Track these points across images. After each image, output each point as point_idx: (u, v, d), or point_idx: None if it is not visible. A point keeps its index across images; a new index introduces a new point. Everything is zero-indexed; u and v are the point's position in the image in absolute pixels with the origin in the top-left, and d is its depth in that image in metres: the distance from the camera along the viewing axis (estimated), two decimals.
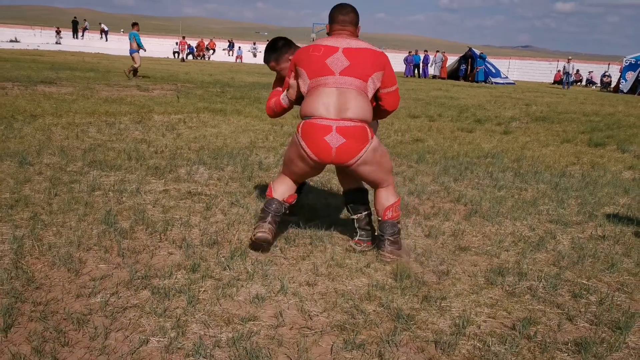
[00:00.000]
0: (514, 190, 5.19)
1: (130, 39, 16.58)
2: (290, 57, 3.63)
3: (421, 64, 34.93)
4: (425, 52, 36.30)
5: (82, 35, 47.54)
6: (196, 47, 42.99)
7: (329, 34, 3.34)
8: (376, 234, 3.40)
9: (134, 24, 17.32)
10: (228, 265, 3.01)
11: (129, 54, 16.90)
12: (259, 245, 3.24)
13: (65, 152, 5.48)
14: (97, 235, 3.35)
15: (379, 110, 3.40)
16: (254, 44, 46.37)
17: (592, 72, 39.31)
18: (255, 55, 44.22)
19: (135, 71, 16.26)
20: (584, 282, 3.08)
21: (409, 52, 36.82)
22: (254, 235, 3.18)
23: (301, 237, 3.54)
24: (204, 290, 2.71)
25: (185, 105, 10.08)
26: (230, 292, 2.72)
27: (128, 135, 6.73)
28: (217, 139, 6.92)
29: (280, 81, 3.87)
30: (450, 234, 3.81)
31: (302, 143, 3.11)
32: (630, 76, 28.96)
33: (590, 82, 38.46)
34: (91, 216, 3.68)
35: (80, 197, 4.04)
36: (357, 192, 3.50)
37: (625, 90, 28.61)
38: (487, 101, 16.14)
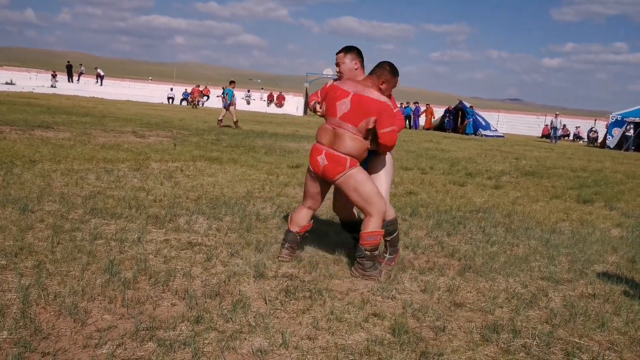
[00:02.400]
0: (506, 245, 5.31)
1: (224, 94, 20.40)
2: (354, 61, 4.27)
3: (412, 116, 35.56)
4: (416, 104, 37.04)
5: (78, 80, 48.10)
6: (190, 94, 43.53)
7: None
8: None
9: (232, 82, 21.10)
10: (231, 318, 3.08)
11: (222, 107, 20.62)
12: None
13: (66, 199, 5.57)
14: (101, 285, 3.41)
15: (379, 144, 4.05)
16: (248, 91, 47.02)
17: (579, 127, 40.15)
18: (249, 103, 44.78)
19: (220, 120, 19.55)
20: (576, 340, 3.18)
21: (401, 104, 37.55)
22: (277, 257, 4.25)
23: (301, 290, 3.62)
24: (208, 343, 2.77)
25: (181, 152, 10.24)
26: (234, 344, 2.78)
27: (127, 182, 6.83)
28: (214, 188, 7.04)
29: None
30: (445, 289, 3.90)
31: (309, 158, 4.19)
32: (617, 132, 29.63)
33: (577, 137, 39.23)
34: (94, 265, 3.74)
35: (82, 246, 4.11)
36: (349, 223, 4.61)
37: (611, 146, 29.22)
38: (477, 154, 16.45)
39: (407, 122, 35.42)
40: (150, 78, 68.89)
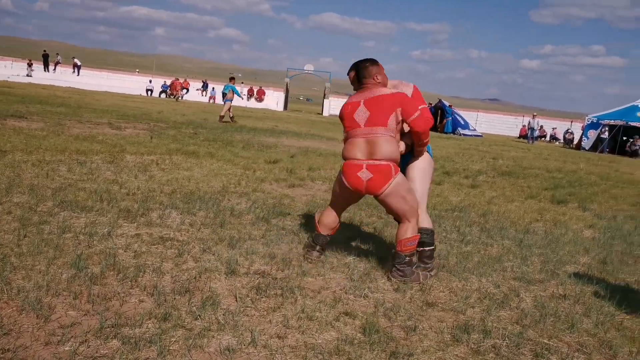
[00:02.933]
0: (480, 245, 5.32)
1: (226, 90, 20.22)
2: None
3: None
4: None
5: (55, 69, 47.29)
6: (170, 86, 43.11)
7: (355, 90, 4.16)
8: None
9: (232, 78, 21.26)
10: (199, 315, 3.03)
11: (222, 102, 20.74)
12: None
13: (35, 191, 5.44)
14: (67, 280, 3.33)
15: (414, 133, 3.97)
16: None
17: (555, 128, 40.68)
18: None
19: (221, 116, 19.60)
20: (546, 341, 3.19)
21: None
22: (306, 258, 4.23)
23: (272, 288, 3.58)
24: (174, 341, 2.72)
25: (158, 145, 10.10)
26: (201, 343, 2.73)
27: (99, 175, 6.71)
28: (189, 182, 6.95)
29: None
30: (418, 288, 3.89)
31: (342, 178, 4.03)
32: (592, 134, 30.08)
33: (553, 138, 39.74)
34: (61, 260, 3.66)
35: (50, 240, 4.02)
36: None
37: (587, 148, 29.64)
38: (455, 153, 16.55)
39: None
40: (137, 70, 67.79)
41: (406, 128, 4.07)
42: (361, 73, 4.04)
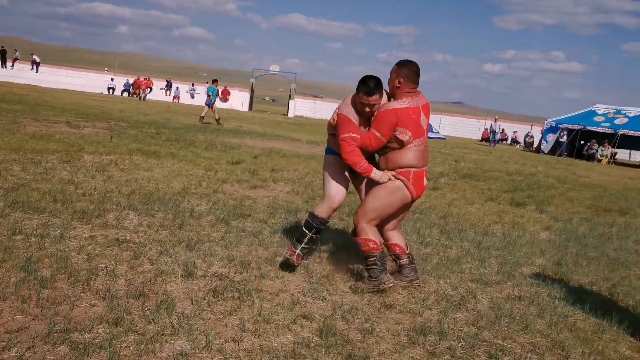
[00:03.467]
0: (439, 247, 5.37)
1: (209, 92, 20.94)
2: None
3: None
4: None
5: (12, 65, 45.97)
6: (132, 85, 42.41)
7: (393, 97, 3.90)
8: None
9: (215, 80, 21.69)
10: (153, 319, 2.96)
11: (204, 104, 21.21)
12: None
13: None
14: (15, 283, 3.22)
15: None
16: (192, 85, 46.18)
17: (516, 132, 41.53)
18: (193, 97, 43.99)
19: (201, 118, 20.13)
20: (500, 342, 3.23)
21: None
22: (386, 285, 3.82)
23: (230, 290, 3.53)
24: (125, 346, 2.65)
25: (117, 145, 9.90)
26: (154, 347, 2.67)
27: (55, 175, 6.52)
28: (149, 183, 6.82)
29: (355, 123, 3.92)
30: (376, 290, 3.89)
31: (410, 188, 3.87)
32: (551, 138, 30.80)
33: (514, 141, 40.56)
34: (10, 262, 3.53)
35: None
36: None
37: (546, 151, 30.34)
38: None
39: None
40: (106, 69, 65.88)
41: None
42: (417, 77, 3.89)
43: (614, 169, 22.83)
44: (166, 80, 46.14)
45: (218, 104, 42.69)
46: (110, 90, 41.54)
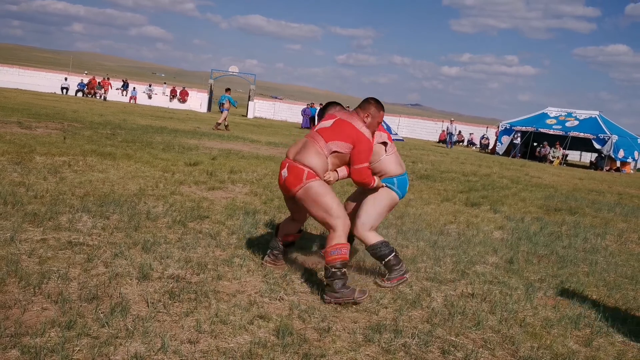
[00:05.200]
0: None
1: (223, 100, 21.82)
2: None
3: (316, 117, 35.91)
4: (321, 105, 37.44)
5: None
6: (87, 85, 41.44)
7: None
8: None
9: (228, 89, 22.55)
10: (107, 322, 2.92)
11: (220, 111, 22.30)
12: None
13: None
14: None
15: (352, 178, 4.12)
16: (150, 85, 45.38)
17: (472, 133, 42.35)
18: (150, 97, 43.26)
19: (218, 124, 20.91)
20: (453, 338, 3.31)
21: (307, 105, 37.82)
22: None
23: (186, 292, 3.52)
24: (78, 350, 2.61)
25: (71, 146, 9.68)
26: (107, 351, 2.64)
27: (5, 177, 6.34)
28: (104, 184, 6.70)
29: None
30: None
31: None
32: (506, 140, 31.53)
33: (471, 143, 41.37)
34: None
35: None
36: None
37: (500, 153, 31.05)
38: None
39: (312, 122, 35.75)
40: (68, 71, 63.36)
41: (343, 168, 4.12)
42: (362, 104, 4.20)
43: (565, 170, 23.56)
44: (122, 81, 45.18)
45: (176, 104, 42.20)
46: (64, 90, 40.46)
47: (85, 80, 42.18)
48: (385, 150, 4.27)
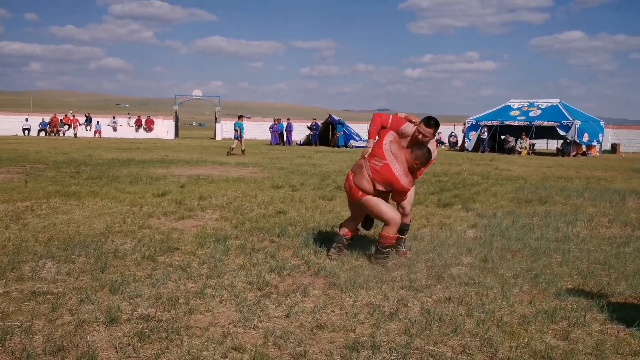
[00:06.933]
0: (369, 257, 5.41)
1: (236, 127, 23.23)
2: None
3: (285, 132, 35.88)
4: (288, 120, 37.44)
5: None
6: (49, 123, 40.80)
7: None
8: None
9: (240, 116, 24.55)
10: None
11: (234, 138, 23.65)
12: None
13: None
14: None
15: None
16: (114, 117, 44.81)
17: (440, 132, 42.77)
18: (115, 129, 42.74)
19: (232, 149, 22.23)
20: (431, 348, 3.28)
21: (274, 121, 37.75)
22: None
23: (157, 331, 3.42)
24: None
25: (34, 190, 9.45)
26: None
27: None
28: (68, 226, 6.54)
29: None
30: (309, 311, 3.88)
31: None
32: (473, 136, 31.90)
33: (439, 142, 41.77)
34: None
35: None
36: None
37: (469, 149, 31.39)
38: (347, 166, 16.87)
39: (281, 138, 35.71)
40: (29, 111, 61.63)
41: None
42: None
43: (534, 160, 23.91)
44: (85, 116, 44.53)
45: (142, 134, 41.76)
46: (26, 132, 39.76)
47: (47, 119, 41.50)
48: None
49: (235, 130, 23.14)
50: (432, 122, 5.19)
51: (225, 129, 44.47)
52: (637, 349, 3.36)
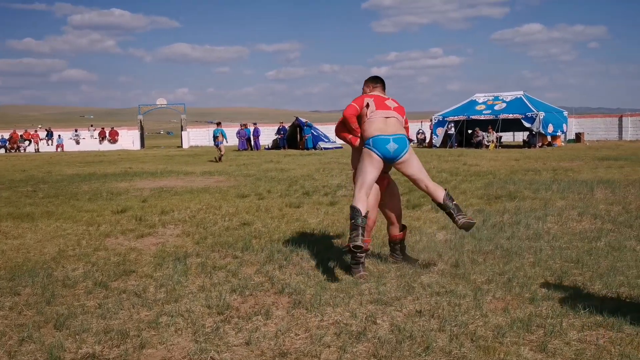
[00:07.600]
0: (337, 270, 5.17)
1: (217, 134, 23.01)
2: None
3: (252, 137, 35.45)
4: (255, 125, 37.03)
5: None
6: (9, 140, 39.65)
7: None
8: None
9: (219, 123, 26.26)
10: None
11: (214, 145, 23.89)
12: None
13: None
14: None
15: None
16: (76, 130, 43.74)
17: None
18: (78, 142, 41.74)
19: (220, 158, 22.22)
20: None
21: (241, 126, 37.28)
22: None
23: None
24: None
25: None
26: None
27: None
28: (18, 252, 6.15)
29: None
30: (271, 336, 3.61)
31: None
32: (440, 132, 31.99)
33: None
34: None
35: None
36: None
37: (437, 145, 31.47)
38: (316, 170, 16.64)
39: (249, 143, 35.26)
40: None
41: None
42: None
43: (501, 153, 24.05)
44: (46, 130, 43.36)
45: (107, 145, 40.89)
46: None
47: (7, 136, 40.33)
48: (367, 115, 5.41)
49: (216, 137, 22.92)
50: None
51: (192, 137, 43.83)
52: (617, 358, 3.17)
